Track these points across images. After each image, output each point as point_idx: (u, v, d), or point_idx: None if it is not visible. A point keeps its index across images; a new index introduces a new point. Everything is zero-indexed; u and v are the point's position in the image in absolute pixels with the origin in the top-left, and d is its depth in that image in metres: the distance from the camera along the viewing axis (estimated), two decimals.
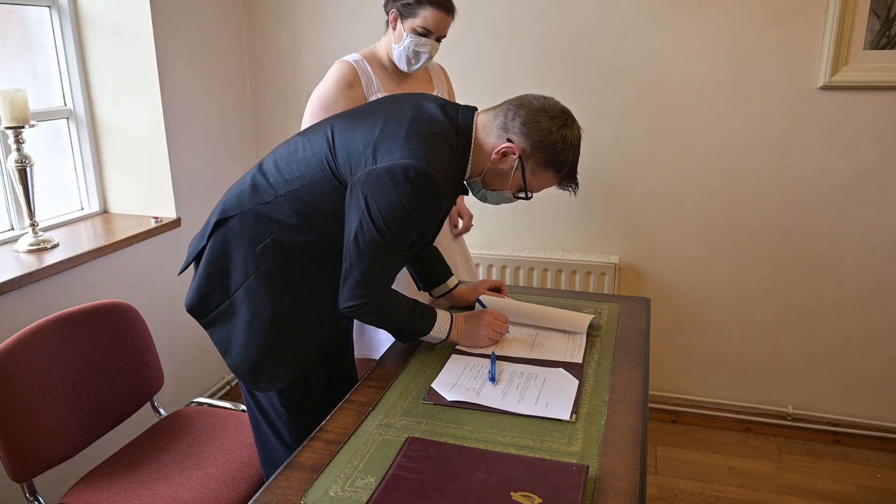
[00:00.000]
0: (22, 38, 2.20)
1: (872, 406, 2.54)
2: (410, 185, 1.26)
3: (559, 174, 1.37)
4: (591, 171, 2.56)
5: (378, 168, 1.28)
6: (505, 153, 1.35)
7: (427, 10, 1.77)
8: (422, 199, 1.28)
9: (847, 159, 2.32)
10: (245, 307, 1.40)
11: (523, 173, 1.36)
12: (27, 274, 1.86)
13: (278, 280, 1.39)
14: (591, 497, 1.03)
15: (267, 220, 1.39)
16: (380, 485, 1.04)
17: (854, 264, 2.42)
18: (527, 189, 1.39)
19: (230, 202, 1.44)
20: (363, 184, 1.29)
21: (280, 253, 1.39)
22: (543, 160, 1.34)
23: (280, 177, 1.40)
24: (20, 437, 1.43)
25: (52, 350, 1.54)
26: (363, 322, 1.46)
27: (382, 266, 1.36)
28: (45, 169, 2.23)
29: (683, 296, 2.61)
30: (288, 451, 1.48)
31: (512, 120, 1.34)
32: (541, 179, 1.38)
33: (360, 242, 1.32)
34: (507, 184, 1.40)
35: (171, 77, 2.38)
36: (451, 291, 1.76)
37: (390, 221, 1.29)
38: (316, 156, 1.38)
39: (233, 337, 1.42)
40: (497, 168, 1.38)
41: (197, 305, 1.45)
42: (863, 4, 2.16)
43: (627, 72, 2.43)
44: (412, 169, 1.26)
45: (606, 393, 1.34)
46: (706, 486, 2.35)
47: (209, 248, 1.43)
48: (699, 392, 2.71)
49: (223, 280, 1.41)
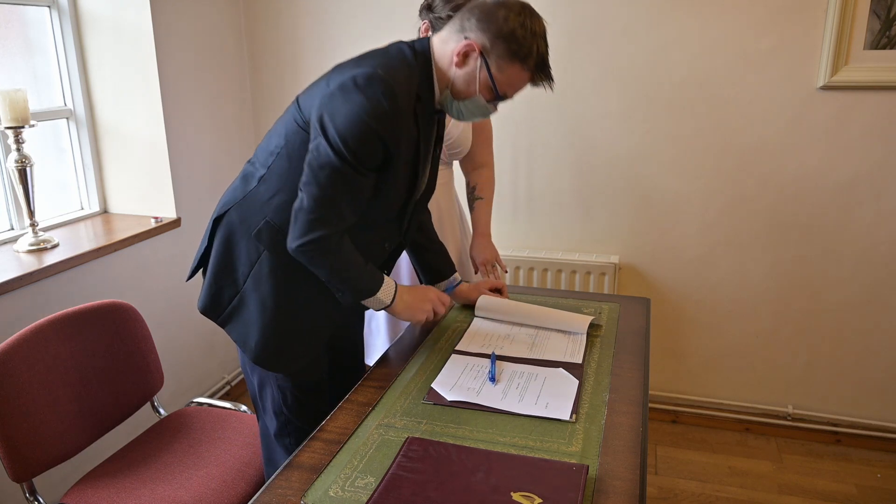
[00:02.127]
0: (22, 38, 2.19)
1: (872, 406, 2.54)
2: (364, 92, 1.22)
3: (527, 66, 1.30)
4: (591, 171, 2.56)
5: (331, 88, 1.27)
6: (466, 54, 1.30)
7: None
8: (378, 106, 1.23)
9: (847, 159, 2.32)
10: (255, 296, 1.39)
11: (489, 71, 1.30)
12: (27, 274, 1.86)
13: (279, 263, 1.37)
14: (591, 497, 1.03)
15: (259, 205, 1.38)
16: (380, 485, 1.04)
17: (854, 264, 2.42)
18: (497, 88, 1.32)
19: (225, 199, 1.45)
20: (318, 108, 1.27)
21: (275, 235, 1.36)
22: (506, 51, 1.28)
23: (261, 156, 1.40)
24: (20, 437, 1.43)
25: (52, 350, 1.54)
26: (315, 271, 1.36)
27: (340, 193, 1.28)
28: (45, 169, 2.23)
29: (683, 296, 2.61)
30: (287, 453, 1.48)
31: (468, 20, 1.31)
32: (509, 75, 1.31)
33: (314, 166, 1.26)
34: (475, 86, 1.32)
35: (171, 77, 2.38)
36: (454, 288, 1.76)
37: (348, 135, 1.23)
38: (287, 122, 1.38)
39: (249, 328, 1.41)
40: (462, 73, 1.32)
41: (210, 305, 1.44)
42: (863, 4, 2.16)
43: (627, 72, 2.43)
44: (362, 76, 1.23)
45: (606, 393, 1.34)
46: (706, 486, 2.34)
47: (213, 248, 1.44)
48: (699, 392, 2.71)
49: (231, 275, 1.41)
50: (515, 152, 2.60)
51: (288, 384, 1.47)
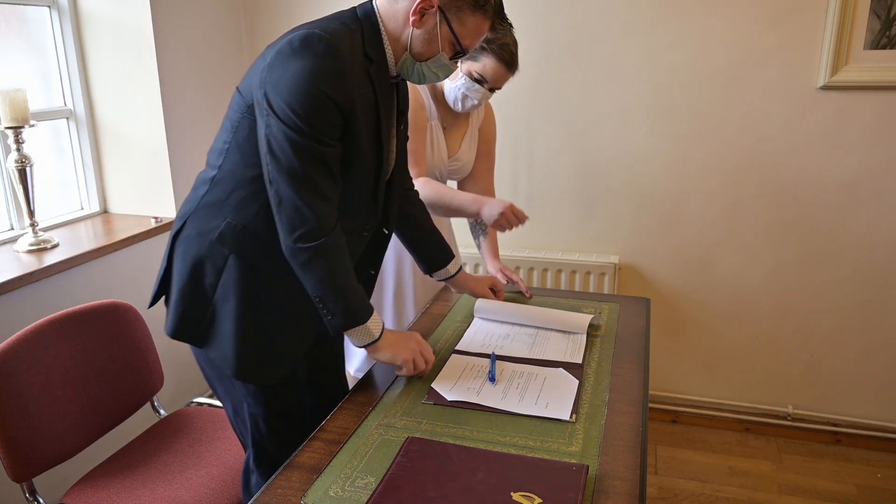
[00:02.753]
0: (22, 38, 2.20)
1: (872, 406, 2.54)
2: (303, 55, 1.14)
3: (486, 14, 1.26)
4: (591, 171, 2.56)
5: (267, 60, 1.18)
6: (422, 11, 1.23)
7: (489, 60, 1.70)
8: (321, 64, 1.14)
9: (847, 159, 2.33)
10: (227, 305, 1.28)
11: (449, 26, 1.24)
12: (27, 274, 1.86)
13: (248, 264, 1.27)
14: (591, 497, 1.03)
15: (216, 208, 1.27)
16: (380, 485, 1.04)
17: (854, 264, 2.42)
18: (460, 42, 1.27)
19: (180, 212, 1.34)
20: (259, 85, 1.17)
21: (239, 235, 1.26)
22: (465, 1, 1.24)
23: (210, 157, 1.32)
24: (20, 437, 1.43)
25: (52, 350, 1.54)
26: (307, 279, 1.24)
27: (311, 169, 1.17)
28: (45, 169, 2.23)
29: (683, 296, 2.61)
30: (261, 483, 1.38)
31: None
32: (470, 27, 1.26)
33: (274, 149, 1.16)
34: (437, 45, 1.26)
35: (171, 77, 2.38)
36: (453, 277, 1.72)
37: (297, 105, 1.13)
38: (231, 114, 1.28)
39: (226, 342, 1.29)
40: (420, 33, 1.26)
41: (181, 326, 1.31)
42: (863, 4, 2.16)
43: (627, 72, 2.43)
44: (298, 39, 1.15)
45: (606, 393, 1.34)
46: (706, 486, 2.34)
47: (174, 266, 1.33)
48: (699, 392, 2.71)
49: (198, 289, 1.29)
50: (515, 152, 2.60)
51: (261, 409, 1.36)
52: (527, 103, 2.53)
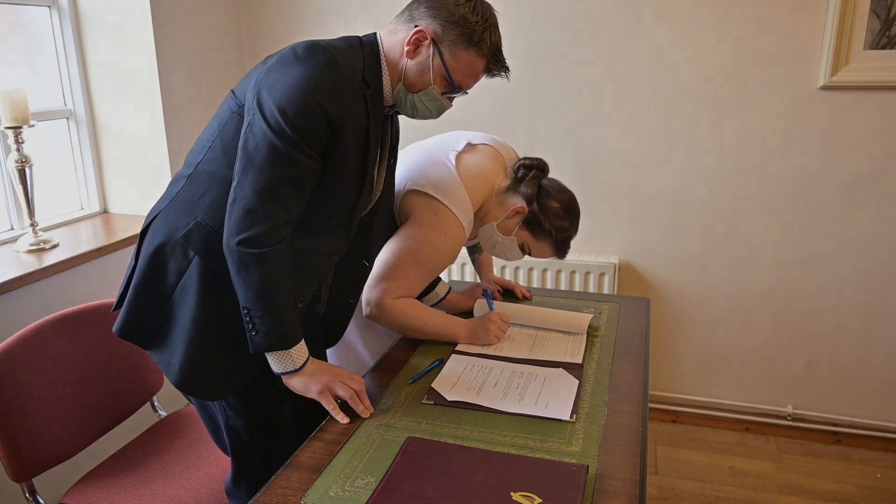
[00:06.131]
0: (22, 38, 2.20)
1: (872, 406, 2.54)
2: (305, 63, 1.14)
3: (481, 52, 1.26)
4: (591, 171, 2.56)
5: (268, 65, 1.19)
6: (417, 42, 1.25)
7: (546, 244, 1.60)
8: (321, 76, 1.14)
9: (847, 159, 2.33)
10: (182, 309, 1.22)
11: (442, 59, 1.25)
12: (27, 274, 1.86)
13: (210, 271, 1.21)
14: (591, 497, 1.03)
15: (188, 205, 1.23)
16: (380, 485, 1.04)
17: (854, 264, 2.42)
18: (451, 77, 1.26)
19: (152, 209, 1.31)
20: (255, 87, 1.17)
21: (207, 237, 1.21)
22: (459, 37, 1.24)
23: (193, 154, 1.29)
24: (20, 437, 1.43)
25: (52, 350, 1.54)
26: (240, 283, 1.17)
27: (281, 178, 1.14)
28: (45, 169, 2.23)
29: (683, 296, 2.61)
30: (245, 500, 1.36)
31: (416, 8, 1.27)
32: (463, 62, 1.26)
33: (249, 148, 1.14)
34: (430, 76, 1.27)
35: (171, 77, 2.38)
36: (442, 301, 1.72)
37: (287, 108, 1.12)
38: (220, 114, 1.27)
39: (174, 346, 1.23)
40: (414, 63, 1.27)
41: (129, 324, 1.26)
42: (863, 4, 2.16)
43: (627, 72, 2.43)
44: (303, 47, 1.16)
45: (606, 393, 1.34)
46: (706, 486, 2.34)
47: (138, 263, 1.27)
48: (699, 392, 2.71)
49: (155, 287, 1.24)
50: None
51: (241, 422, 1.33)
52: (527, 103, 2.53)
